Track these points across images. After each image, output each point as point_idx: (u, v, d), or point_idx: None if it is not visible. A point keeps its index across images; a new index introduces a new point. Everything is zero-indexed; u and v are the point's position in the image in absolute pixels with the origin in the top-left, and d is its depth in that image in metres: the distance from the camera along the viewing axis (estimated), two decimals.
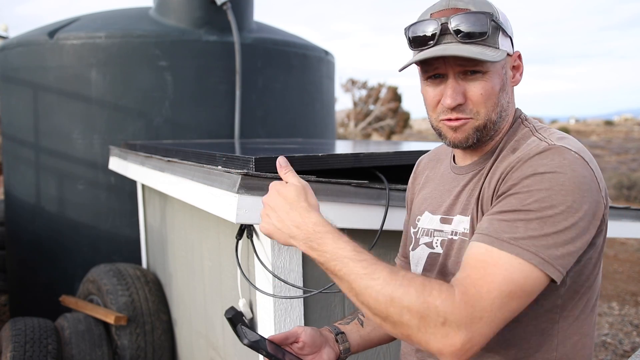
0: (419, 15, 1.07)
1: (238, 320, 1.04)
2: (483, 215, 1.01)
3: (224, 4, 3.47)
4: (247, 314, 1.75)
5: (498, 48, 1.00)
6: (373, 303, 0.88)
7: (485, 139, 1.06)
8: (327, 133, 4.35)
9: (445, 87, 1.03)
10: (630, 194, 12.25)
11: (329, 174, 1.64)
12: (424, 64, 1.04)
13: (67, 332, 2.50)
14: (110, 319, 2.50)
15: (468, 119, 1.03)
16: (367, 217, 1.58)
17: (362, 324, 1.23)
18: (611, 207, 2.01)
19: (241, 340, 0.99)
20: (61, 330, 2.53)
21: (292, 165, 1.07)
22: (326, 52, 4.30)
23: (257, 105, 3.65)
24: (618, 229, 2.01)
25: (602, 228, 0.99)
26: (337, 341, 1.17)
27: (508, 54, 1.03)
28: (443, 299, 0.85)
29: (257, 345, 1.00)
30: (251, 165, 1.47)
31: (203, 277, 2.22)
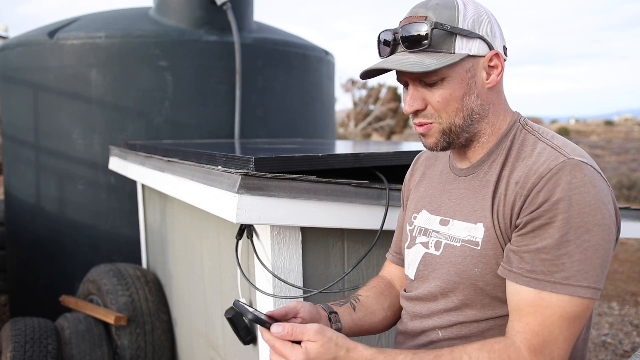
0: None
1: (238, 321, 1.04)
2: (501, 227, 1.01)
3: (224, 4, 3.47)
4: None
5: (452, 52, 1.01)
6: None
7: (457, 141, 1.08)
8: (327, 133, 4.35)
9: (406, 95, 1.07)
10: (630, 194, 12.25)
11: (329, 173, 1.64)
12: (396, 74, 1.08)
13: (67, 332, 2.50)
14: (110, 319, 2.50)
15: (430, 123, 1.06)
16: (367, 217, 1.58)
17: (354, 309, 1.23)
18: None
19: (245, 316, 0.99)
20: (61, 330, 2.53)
21: (292, 165, 1.09)
22: (326, 52, 4.30)
23: (257, 105, 3.65)
24: None
25: (618, 234, 1.02)
26: (329, 320, 1.17)
27: (472, 55, 1.02)
28: None
29: (261, 321, 1.00)
30: (251, 165, 1.47)
31: (203, 277, 2.22)
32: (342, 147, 2.36)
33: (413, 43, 1.01)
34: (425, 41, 1.00)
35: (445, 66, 0.99)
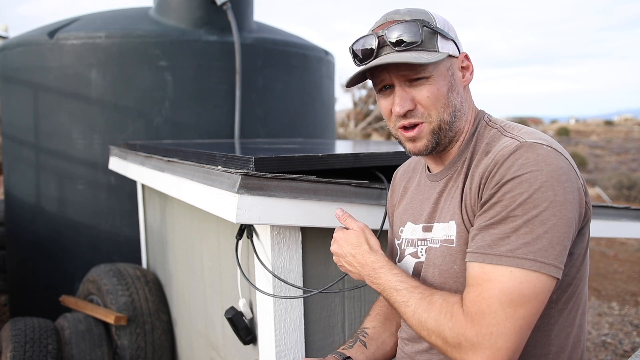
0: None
1: (238, 321, 1.04)
2: (470, 220, 1.03)
3: (224, 4, 3.47)
4: (247, 314, 1.75)
5: (437, 51, 1.05)
6: (413, 327, 1.02)
7: (444, 141, 1.10)
8: (327, 133, 4.35)
9: (394, 96, 1.08)
10: (630, 194, 12.26)
11: (329, 174, 1.64)
12: (373, 78, 1.10)
13: (67, 332, 2.50)
14: (110, 319, 2.50)
15: (421, 122, 1.08)
16: (367, 217, 1.58)
17: (365, 345, 1.27)
18: (611, 207, 2.01)
19: None
20: (61, 330, 2.53)
21: (292, 165, 1.09)
22: (326, 52, 4.30)
23: (257, 105, 3.65)
24: (618, 229, 2.01)
25: (587, 215, 1.01)
26: None
27: (451, 56, 1.08)
28: (454, 322, 0.93)
29: None
30: (251, 165, 1.47)
31: (203, 277, 2.22)
32: (342, 147, 2.36)
33: (401, 41, 1.04)
34: (417, 39, 1.04)
35: (434, 62, 1.03)
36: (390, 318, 1.34)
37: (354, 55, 1.11)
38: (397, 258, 1.25)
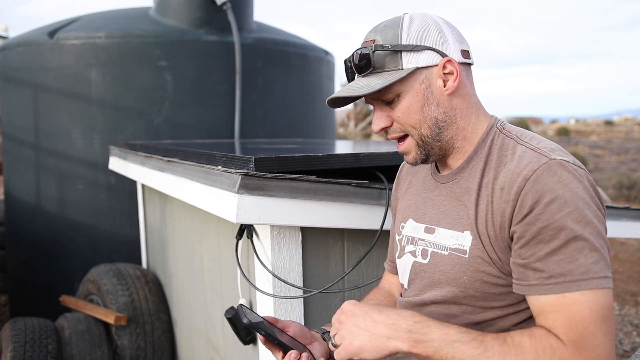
0: None
1: (238, 319, 1.04)
2: (489, 233, 1.01)
3: (224, 4, 3.47)
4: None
5: (400, 69, 1.04)
6: None
7: (434, 152, 1.11)
8: (327, 133, 4.35)
9: (373, 116, 1.13)
10: (630, 194, 12.26)
11: (329, 173, 1.64)
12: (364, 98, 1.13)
13: (67, 332, 2.50)
14: (110, 319, 2.50)
15: (403, 135, 1.11)
16: (367, 217, 1.58)
17: None
18: (611, 207, 2.01)
19: (241, 319, 1.00)
20: (61, 330, 2.53)
21: (292, 165, 1.09)
22: (326, 52, 4.30)
23: (257, 105, 3.65)
24: (618, 229, 2.01)
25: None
26: (324, 339, 1.18)
27: (422, 67, 1.04)
28: (559, 355, 0.88)
29: (257, 326, 1.03)
30: (251, 165, 1.47)
31: (203, 277, 2.22)
32: (342, 147, 2.36)
33: (360, 68, 1.07)
34: (369, 64, 1.06)
35: (392, 83, 1.03)
36: (383, 305, 1.33)
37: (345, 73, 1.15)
38: (397, 254, 1.24)
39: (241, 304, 1.08)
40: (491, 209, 1.01)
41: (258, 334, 1.05)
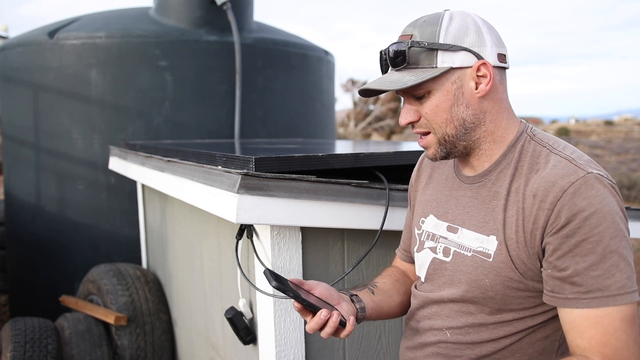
0: None
1: (238, 321, 1.04)
2: (518, 240, 1.02)
3: (224, 4, 3.47)
4: (247, 314, 1.75)
5: (435, 67, 1.04)
6: None
7: (455, 151, 1.10)
8: (327, 133, 4.35)
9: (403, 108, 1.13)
10: (630, 194, 12.26)
11: (329, 173, 1.64)
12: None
13: (67, 332, 2.50)
14: (110, 319, 2.50)
15: (427, 132, 1.11)
16: (367, 217, 1.58)
17: (373, 292, 1.25)
18: None
19: (270, 282, 1.01)
20: (61, 330, 2.53)
21: (292, 165, 1.09)
22: (326, 52, 4.30)
23: (257, 105, 3.65)
24: None
25: None
26: (352, 301, 1.18)
27: (457, 68, 1.04)
28: None
29: (285, 288, 1.02)
30: (251, 165, 1.47)
31: (203, 277, 2.22)
32: (342, 147, 2.36)
33: (394, 62, 1.07)
34: (404, 60, 1.05)
35: (425, 80, 1.03)
36: (401, 282, 1.34)
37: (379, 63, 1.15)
38: (416, 248, 1.24)
39: (267, 268, 1.07)
40: (522, 215, 1.01)
41: (287, 296, 1.05)
